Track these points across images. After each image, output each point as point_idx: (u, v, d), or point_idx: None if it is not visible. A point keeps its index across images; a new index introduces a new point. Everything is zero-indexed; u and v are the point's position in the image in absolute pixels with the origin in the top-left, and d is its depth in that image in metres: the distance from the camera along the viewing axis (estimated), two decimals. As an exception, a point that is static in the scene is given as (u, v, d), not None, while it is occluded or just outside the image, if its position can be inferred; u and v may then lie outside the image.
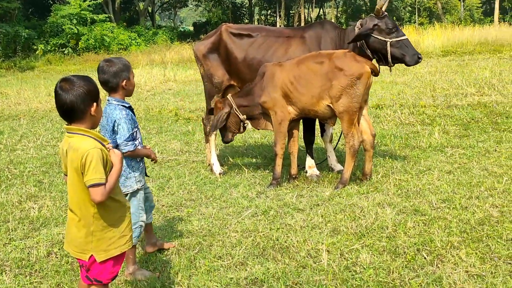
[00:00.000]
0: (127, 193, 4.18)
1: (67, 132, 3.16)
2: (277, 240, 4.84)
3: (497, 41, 24.60)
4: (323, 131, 7.11)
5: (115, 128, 4.02)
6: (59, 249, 4.84)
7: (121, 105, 4.07)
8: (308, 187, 6.40)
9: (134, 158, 4.18)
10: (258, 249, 4.68)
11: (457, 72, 16.36)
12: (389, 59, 6.34)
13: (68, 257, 4.67)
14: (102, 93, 3.49)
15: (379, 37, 6.29)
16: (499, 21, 43.41)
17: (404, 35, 6.36)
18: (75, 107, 3.08)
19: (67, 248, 3.30)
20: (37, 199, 6.37)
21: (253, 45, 6.84)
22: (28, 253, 4.80)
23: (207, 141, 7.37)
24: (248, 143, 8.90)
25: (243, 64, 6.85)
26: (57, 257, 4.71)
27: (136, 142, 4.13)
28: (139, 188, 4.24)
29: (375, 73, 6.17)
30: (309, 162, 6.85)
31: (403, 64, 6.55)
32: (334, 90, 6.03)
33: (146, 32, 42.57)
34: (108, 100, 4.13)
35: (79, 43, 35.31)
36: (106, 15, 38.81)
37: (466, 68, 17.23)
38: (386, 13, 6.43)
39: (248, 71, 6.75)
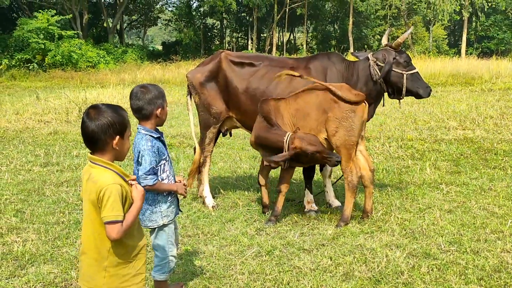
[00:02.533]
0: (153, 228, 3.98)
1: (90, 161, 3.02)
2: (288, 284, 4.57)
3: (468, 74, 25.01)
4: (322, 165, 6.87)
5: (139, 159, 3.83)
6: (52, 291, 4.47)
7: (149, 135, 3.86)
8: (308, 224, 6.15)
9: (160, 192, 3.93)
10: (269, 295, 4.40)
11: (433, 104, 16.46)
12: (403, 92, 6.29)
13: (64, 301, 4.31)
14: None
15: (397, 70, 6.29)
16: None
17: (415, 68, 6.38)
18: (95, 137, 2.95)
19: (80, 283, 3.13)
20: (20, 231, 5.93)
21: (255, 75, 6.58)
22: (19, 296, 4.41)
23: (199, 172, 7.05)
24: (238, 174, 8.61)
25: (244, 95, 6.56)
26: (52, 301, 4.34)
27: (164, 175, 3.93)
28: (165, 223, 3.98)
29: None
30: (308, 197, 6.60)
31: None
32: (330, 123, 5.85)
33: (115, 50, 42.03)
34: (138, 128, 3.95)
35: (46, 58, 34.53)
36: (75, 32, 38.14)
37: (442, 100, 17.39)
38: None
39: (249, 102, 6.46)
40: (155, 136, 3.89)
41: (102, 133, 2.94)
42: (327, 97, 5.90)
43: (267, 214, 6.40)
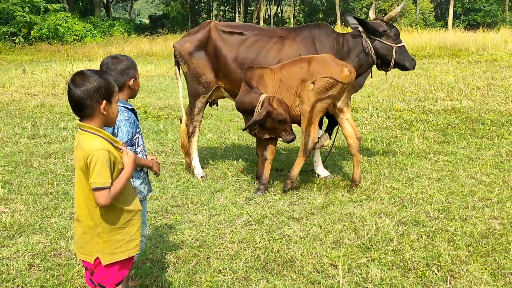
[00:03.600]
0: None
1: (79, 128, 2.97)
2: (278, 252, 4.58)
3: (455, 46, 25.00)
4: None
5: (115, 131, 3.61)
6: (41, 261, 4.45)
7: (124, 106, 3.64)
8: (297, 193, 6.16)
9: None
10: (259, 262, 4.41)
11: (421, 75, 16.47)
12: (392, 64, 6.36)
13: (53, 270, 4.29)
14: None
15: (387, 43, 6.33)
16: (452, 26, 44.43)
17: (402, 41, 6.44)
18: (81, 103, 2.90)
19: (74, 249, 3.12)
20: (8, 202, 5.90)
21: (244, 44, 6.54)
22: (7, 265, 4.38)
23: (189, 142, 7.02)
24: (226, 144, 8.60)
25: (234, 64, 6.52)
26: (41, 270, 4.31)
27: (138, 149, 3.71)
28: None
29: (352, 78, 6.01)
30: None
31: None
32: (306, 89, 5.90)
33: (101, 23, 41.63)
34: None
35: (32, 32, 34.11)
36: (61, 5, 37.67)
37: (429, 72, 17.39)
38: None
39: (239, 71, 6.43)
40: (129, 108, 3.69)
41: (88, 98, 2.88)
42: (311, 69, 5.90)
43: (256, 183, 6.41)
